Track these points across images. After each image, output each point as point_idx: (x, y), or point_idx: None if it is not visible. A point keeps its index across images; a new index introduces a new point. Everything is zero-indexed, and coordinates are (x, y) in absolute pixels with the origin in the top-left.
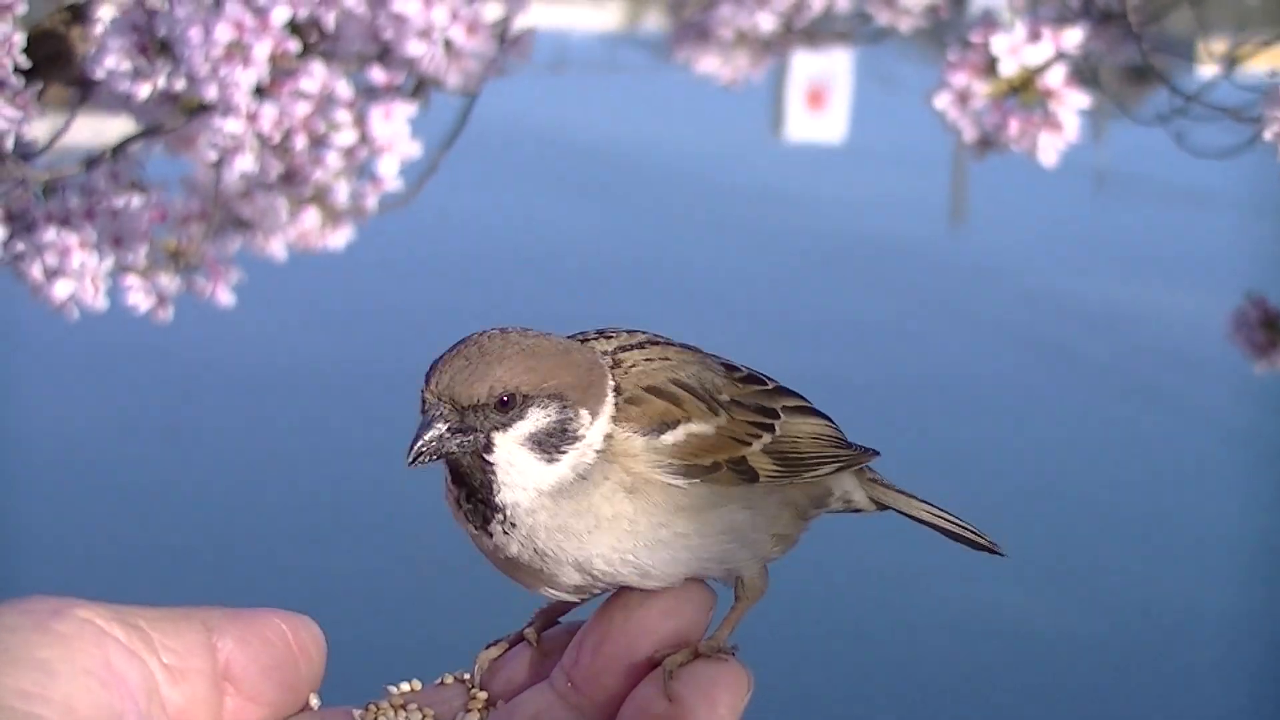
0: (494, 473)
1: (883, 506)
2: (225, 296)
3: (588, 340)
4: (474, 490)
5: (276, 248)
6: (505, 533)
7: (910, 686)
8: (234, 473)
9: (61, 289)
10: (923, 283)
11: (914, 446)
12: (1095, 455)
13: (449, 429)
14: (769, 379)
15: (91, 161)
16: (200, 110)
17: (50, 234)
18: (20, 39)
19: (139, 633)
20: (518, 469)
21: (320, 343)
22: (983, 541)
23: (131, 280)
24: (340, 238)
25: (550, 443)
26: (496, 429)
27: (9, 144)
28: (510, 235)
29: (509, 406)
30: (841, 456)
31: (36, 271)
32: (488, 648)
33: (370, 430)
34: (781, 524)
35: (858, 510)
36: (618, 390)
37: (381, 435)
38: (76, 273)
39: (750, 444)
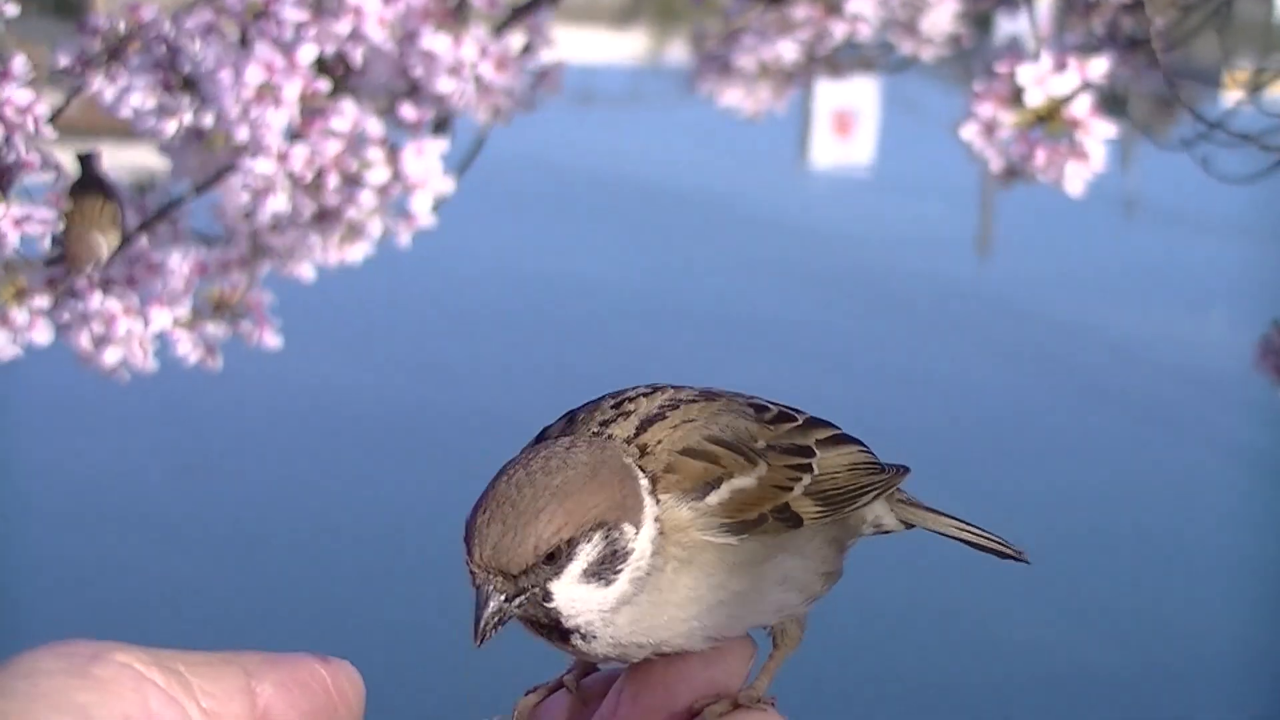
0: (558, 612)
1: (909, 525)
2: (272, 340)
3: (606, 423)
4: (541, 622)
5: (305, 271)
6: (588, 643)
7: (938, 705)
8: (265, 511)
9: (111, 356)
10: (949, 310)
11: (939, 476)
12: (1122, 484)
13: (505, 598)
14: (798, 412)
15: (129, 237)
16: (228, 148)
17: (95, 302)
18: (50, 131)
19: (178, 677)
20: (579, 601)
21: (341, 371)
22: (1009, 550)
23: (179, 333)
24: (358, 251)
25: (605, 568)
26: (550, 579)
27: (46, 244)
28: (535, 266)
29: (557, 558)
30: (878, 483)
31: (84, 341)
32: (527, 694)
33: (401, 466)
34: (829, 562)
35: (887, 531)
36: (651, 477)
37: (412, 472)
38: (123, 339)
39: (791, 489)
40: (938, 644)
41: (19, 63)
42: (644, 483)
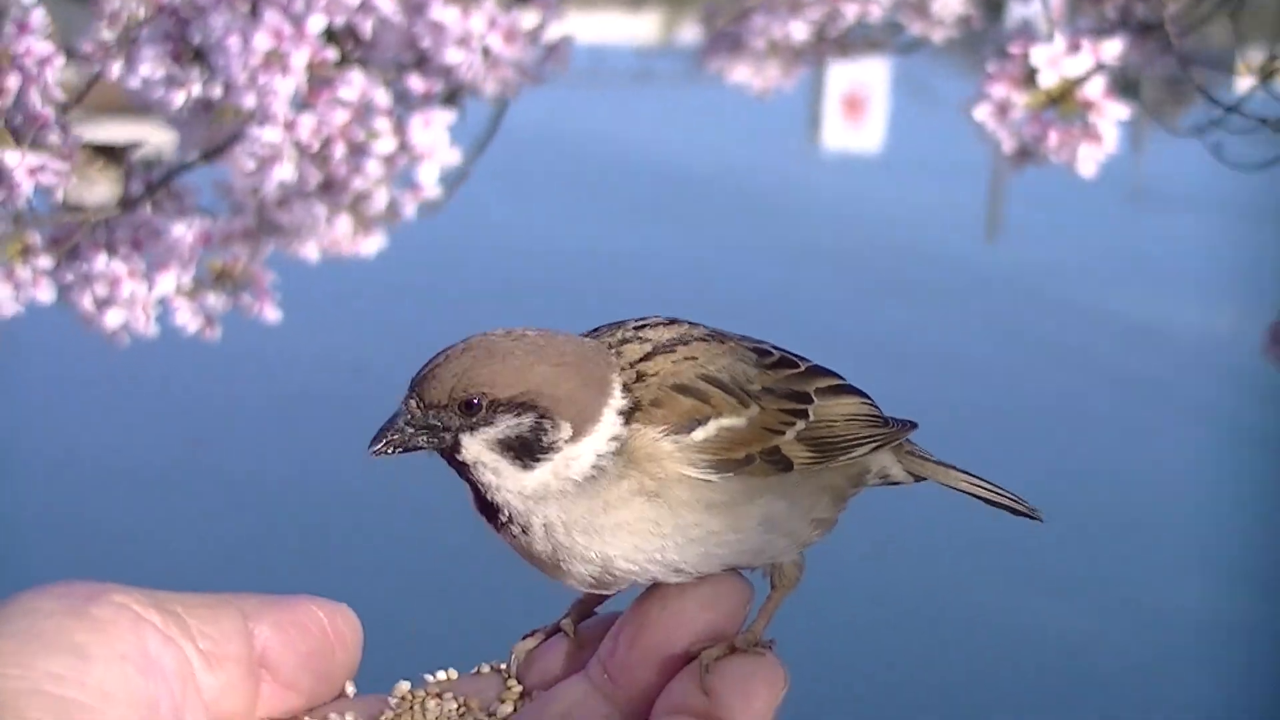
0: (471, 474)
1: (919, 478)
2: (272, 313)
3: (624, 341)
4: (477, 492)
5: (310, 251)
6: (524, 531)
7: (938, 686)
8: (268, 468)
9: (113, 318)
10: (958, 293)
11: (946, 456)
12: (1130, 468)
13: (412, 424)
14: (802, 360)
15: (133, 201)
16: (237, 120)
17: (100, 264)
18: (60, 92)
19: (175, 618)
20: (493, 471)
21: (352, 345)
22: (1021, 508)
23: (179, 302)
24: (372, 244)
25: (524, 450)
26: (463, 431)
27: (59, 195)
28: (546, 244)
29: (474, 410)
30: (878, 435)
31: (87, 302)
32: (524, 638)
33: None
34: (820, 509)
35: (895, 483)
36: (635, 401)
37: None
38: (127, 302)
39: (784, 433)
40: (941, 629)
41: (38, 15)
42: (618, 401)
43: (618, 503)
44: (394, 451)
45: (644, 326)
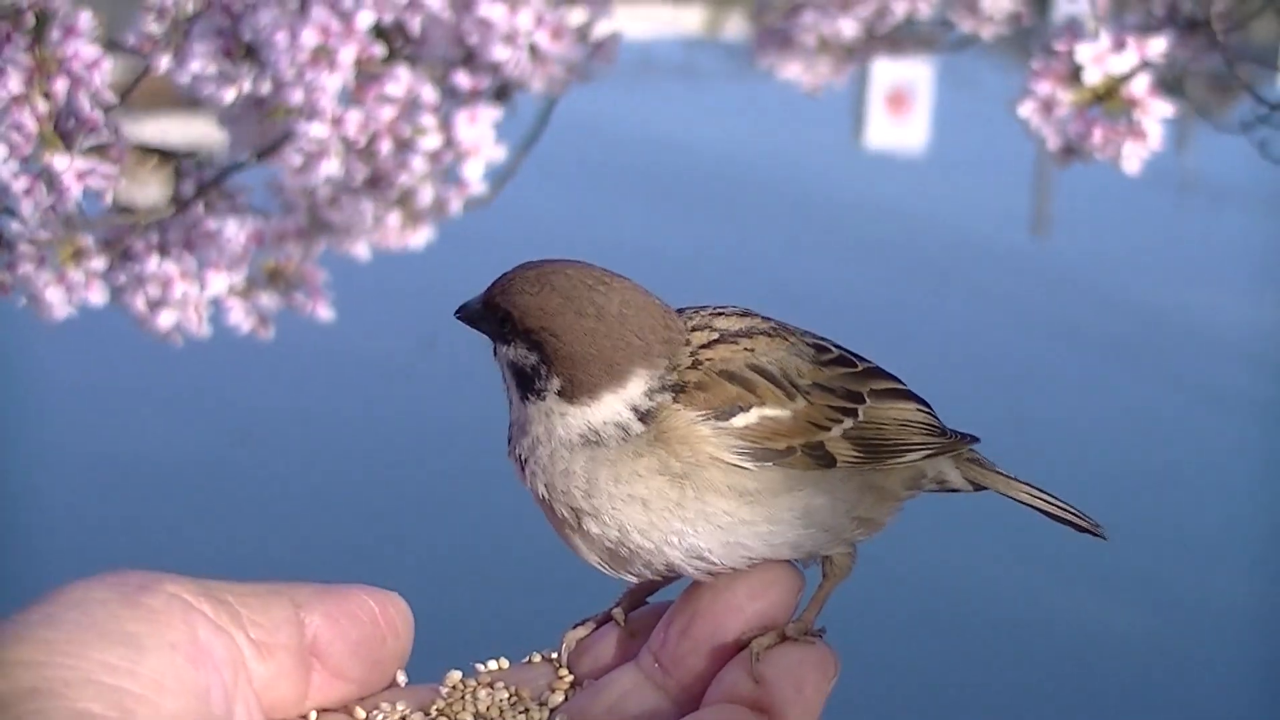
0: (502, 376)
1: (980, 487)
2: (325, 312)
3: (694, 329)
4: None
5: (361, 249)
6: (532, 478)
7: (981, 678)
8: (319, 457)
9: (166, 319)
10: (1004, 289)
11: (992, 451)
12: (1179, 463)
13: (476, 309)
14: (861, 360)
15: (185, 202)
16: (288, 118)
17: (152, 265)
18: (111, 94)
19: (227, 608)
20: (507, 386)
21: (400, 339)
22: (1084, 524)
23: (233, 302)
24: (420, 237)
25: (525, 383)
26: (497, 339)
27: (108, 199)
28: (591, 239)
29: (503, 324)
30: (932, 443)
31: (140, 303)
32: (575, 627)
33: (451, 419)
34: (863, 508)
35: (954, 490)
36: (681, 383)
37: (462, 423)
38: (179, 302)
39: (830, 429)
40: (987, 625)
41: (85, 19)
42: (651, 381)
43: (631, 477)
44: (464, 319)
45: (719, 315)
